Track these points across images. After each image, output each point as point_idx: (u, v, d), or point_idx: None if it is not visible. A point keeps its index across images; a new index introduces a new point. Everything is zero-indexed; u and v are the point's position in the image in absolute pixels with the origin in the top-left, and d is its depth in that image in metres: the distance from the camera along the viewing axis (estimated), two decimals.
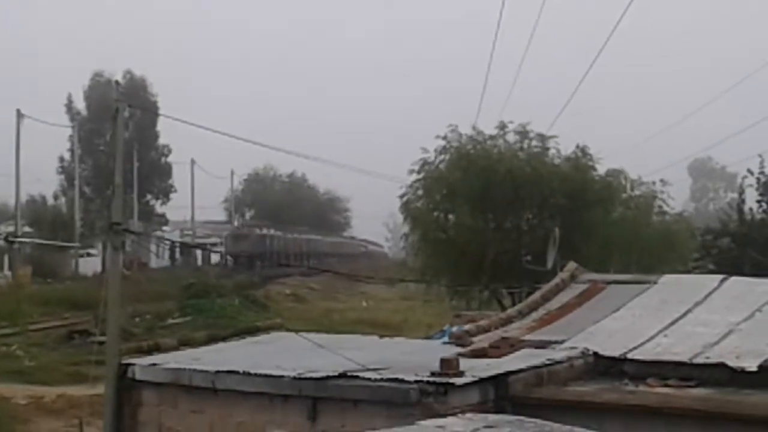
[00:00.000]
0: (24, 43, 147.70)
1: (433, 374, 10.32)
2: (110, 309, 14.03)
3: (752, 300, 13.79)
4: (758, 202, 34.25)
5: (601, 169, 32.06)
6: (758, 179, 33.94)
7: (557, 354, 12.15)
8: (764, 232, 33.45)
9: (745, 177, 34.75)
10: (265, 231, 79.57)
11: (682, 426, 10.09)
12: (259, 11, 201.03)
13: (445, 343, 14.51)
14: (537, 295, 16.12)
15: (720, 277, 15.46)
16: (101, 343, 15.99)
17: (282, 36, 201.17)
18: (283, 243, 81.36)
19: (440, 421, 8.40)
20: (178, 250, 77.50)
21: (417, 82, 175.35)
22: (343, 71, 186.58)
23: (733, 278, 15.30)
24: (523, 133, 32.16)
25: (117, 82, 21.85)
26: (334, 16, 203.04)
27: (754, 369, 11.22)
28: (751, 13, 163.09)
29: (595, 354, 12.34)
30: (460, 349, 12.70)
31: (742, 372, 11.26)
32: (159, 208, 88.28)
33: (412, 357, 12.28)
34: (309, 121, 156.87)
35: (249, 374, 11.58)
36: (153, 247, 64.13)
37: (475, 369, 10.82)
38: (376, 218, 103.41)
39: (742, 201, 35.05)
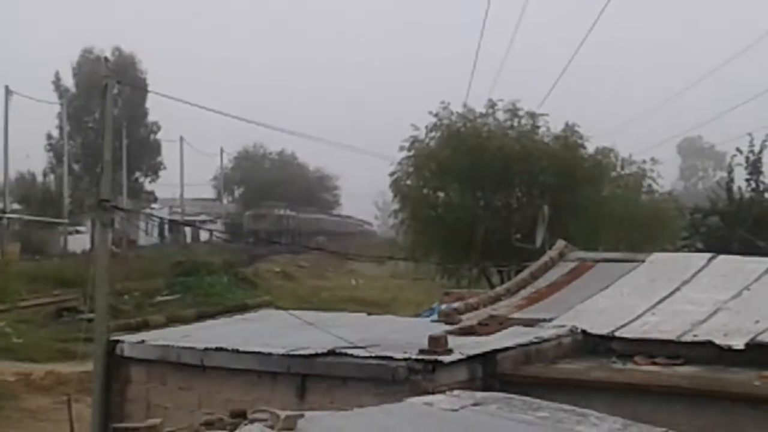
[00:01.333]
0: (12, 20, 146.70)
1: (421, 352, 10.33)
2: (99, 286, 14.01)
3: (740, 278, 13.82)
4: (747, 180, 34.28)
5: (591, 147, 32.12)
6: (747, 158, 33.95)
7: (545, 332, 12.18)
8: (753, 210, 33.49)
9: (734, 156, 34.77)
10: (282, 211, 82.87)
11: (670, 403, 10.12)
12: None
13: (433, 321, 14.51)
14: (526, 273, 16.15)
15: (708, 255, 15.48)
16: (90, 320, 16.01)
17: (271, 9, 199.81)
18: (296, 222, 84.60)
19: (428, 399, 8.43)
20: (167, 227, 77.39)
21: (408, 54, 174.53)
22: (332, 44, 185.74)
23: (722, 257, 15.32)
24: (512, 111, 32.17)
25: (106, 59, 21.74)
26: None
27: (742, 347, 11.26)
28: None
29: (584, 332, 12.37)
30: (448, 327, 12.70)
31: (730, 350, 11.30)
32: (148, 186, 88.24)
33: (401, 335, 12.29)
34: (299, 97, 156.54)
35: (238, 351, 11.58)
36: (142, 225, 64.22)
37: (464, 347, 10.83)
38: (366, 196, 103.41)
39: (731, 180, 35.05)
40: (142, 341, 13.08)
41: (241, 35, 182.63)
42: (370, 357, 10.54)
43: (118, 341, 13.14)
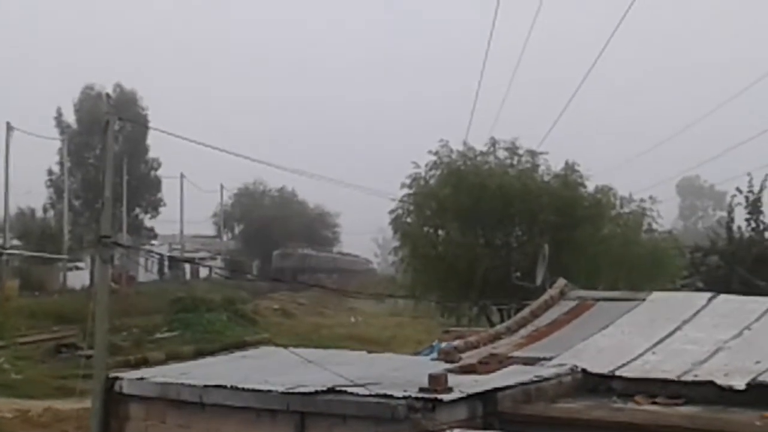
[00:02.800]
0: (14, 55, 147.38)
1: (421, 390, 10.31)
2: (98, 322, 13.98)
3: (741, 318, 13.81)
4: (747, 220, 34.33)
5: (590, 186, 32.16)
6: (747, 198, 34.02)
7: (546, 371, 12.15)
8: (753, 250, 33.52)
9: (734, 195, 34.84)
10: (306, 251, 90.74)
11: None
12: (247, 20, 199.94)
13: (433, 359, 14.48)
14: (526, 311, 16.14)
15: (708, 295, 15.48)
16: (89, 356, 15.97)
17: (271, 47, 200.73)
18: (316, 260, 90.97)
19: None
20: (166, 264, 77.39)
21: (408, 91, 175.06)
22: (333, 82, 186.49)
23: (722, 296, 15.33)
24: (512, 150, 32.24)
25: (107, 95, 21.84)
26: (326, 23, 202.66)
27: (743, 387, 11.23)
28: (742, 29, 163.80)
29: (584, 371, 12.34)
30: (448, 366, 12.68)
31: (731, 390, 11.27)
32: (148, 222, 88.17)
33: (401, 373, 12.26)
34: (300, 135, 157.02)
35: (237, 389, 11.54)
36: (141, 261, 64.16)
37: (464, 385, 10.80)
38: (366, 234, 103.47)
39: (731, 219, 35.11)
40: (141, 378, 13.04)
41: (243, 72, 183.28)
42: (370, 395, 10.50)
43: (116, 378, 13.09)
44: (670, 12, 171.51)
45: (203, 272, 78.18)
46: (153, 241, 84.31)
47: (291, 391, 11.02)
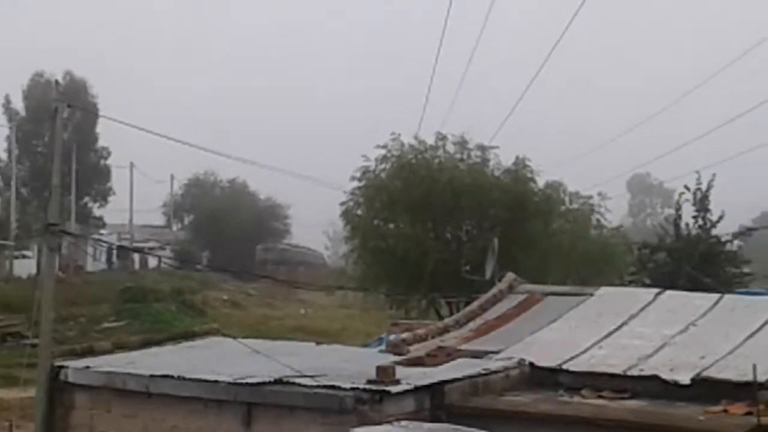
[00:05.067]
0: None
1: (369, 382, 10.31)
2: (44, 311, 13.84)
3: (686, 314, 13.94)
4: (694, 217, 34.63)
5: (541, 181, 32.33)
6: (694, 195, 34.33)
7: (494, 364, 12.21)
8: (699, 247, 33.83)
9: (682, 193, 35.12)
10: (284, 246, 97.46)
11: None
12: (202, 10, 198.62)
13: (381, 351, 14.50)
14: (475, 305, 16.18)
15: (655, 291, 15.62)
16: (34, 345, 15.78)
17: (221, 38, 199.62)
18: (291, 254, 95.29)
19: (375, 429, 8.41)
20: (115, 253, 76.70)
21: (360, 83, 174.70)
22: (285, 72, 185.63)
23: (669, 292, 15.47)
24: (462, 144, 32.32)
25: (57, 82, 21.58)
26: (282, 14, 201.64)
27: (687, 382, 11.35)
28: (692, 28, 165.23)
29: (531, 364, 12.41)
30: (396, 358, 12.70)
31: (676, 385, 11.38)
32: (97, 211, 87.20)
33: (349, 365, 12.26)
34: (252, 126, 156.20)
35: (184, 379, 11.48)
36: (90, 250, 63.58)
37: (411, 377, 10.82)
38: (317, 226, 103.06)
39: (679, 216, 35.41)
40: (87, 367, 12.91)
41: (195, 63, 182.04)
42: (318, 386, 10.49)
43: (62, 367, 12.96)
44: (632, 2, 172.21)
45: (152, 262, 77.58)
46: (102, 231, 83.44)
47: (238, 381, 10.98)
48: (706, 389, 11.23)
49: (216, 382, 11.19)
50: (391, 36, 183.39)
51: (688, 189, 34.57)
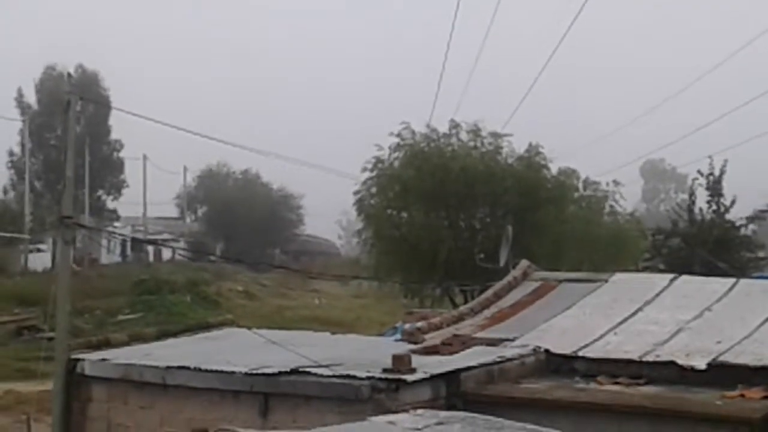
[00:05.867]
0: None
1: (384, 371, 10.32)
2: (60, 304, 13.90)
3: (701, 299, 13.92)
4: (708, 202, 34.59)
5: (554, 168, 32.24)
6: (708, 180, 34.26)
7: (509, 351, 12.20)
8: (713, 232, 33.78)
9: (695, 178, 35.08)
10: (307, 237, 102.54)
11: (632, 423, 10.16)
12: (212, 3, 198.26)
13: (397, 340, 14.51)
14: (489, 292, 16.18)
15: (670, 276, 15.60)
16: (50, 338, 15.86)
17: (235, 28, 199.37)
18: (314, 243, 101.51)
19: (391, 418, 8.40)
20: (129, 245, 76.86)
21: (373, 73, 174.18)
22: (298, 63, 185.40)
23: (683, 277, 15.45)
24: (475, 132, 32.25)
25: (69, 75, 21.59)
26: (291, 4, 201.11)
27: (703, 367, 11.33)
28: (708, 11, 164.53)
29: (547, 351, 12.41)
30: (412, 347, 12.71)
31: (692, 370, 11.37)
32: (110, 204, 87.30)
33: (364, 354, 12.27)
34: (264, 117, 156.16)
35: (200, 370, 11.51)
36: (104, 243, 63.72)
37: (427, 366, 10.82)
38: (330, 215, 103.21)
39: (693, 202, 35.36)
40: (103, 360, 12.97)
41: (208, 54, 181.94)
42: (334, 376, 10.51)
43: (78, 360, 13.02)
44: None
45: (166, 254, 77.80)
46: (116, 223, 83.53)
47: (254, 372, 11.00)
48: (722, 374, 11.21)
49: (232, 372, 11.22)
50: (404, 26, 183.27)
51: (701, 174, 34.52)
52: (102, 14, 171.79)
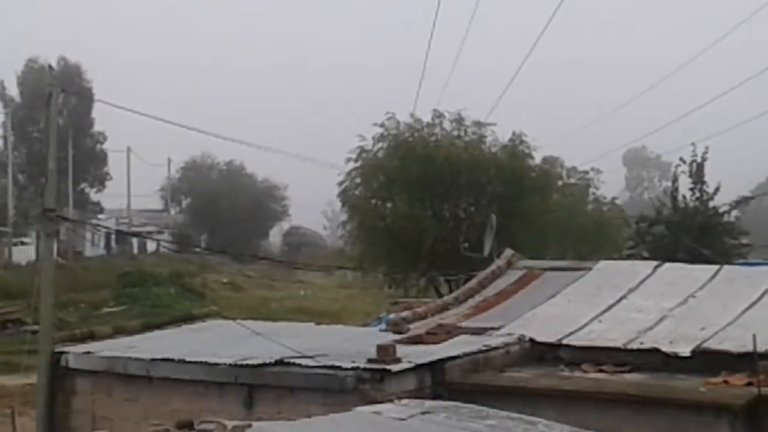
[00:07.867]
0: None
1: (369, 361, 10.32)
2: (43, 297, 13.87)
3: (685, 286, 13.95)
4: (691, 189, 34.57)
5: (538, 157, 32.30)
6: (690, 167, 34.28)
7: (493, 340, 12.22)
8: (697, 219, 33.79)
9: (678, 165, 35.08)
10: (307, 230, 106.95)
11: (617, 410, 10.19)
12: None
13: (382, 330, 14.49)
14: (474, 281, 16.19)
15: (654, 263, 15.62)
16: (34, 332, 15.82)
17: (215, 18, 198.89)
18: (311, 236, 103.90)
19: (377, 408, 8.41)
20: (113, 238, 76.70)
21: (355, 62, 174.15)
22: (279, 53, 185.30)
23: (667, 265, 15.48)
24: (458, 121, 32.27)
25: (51, 67, 21.46)
26: None
27: (687, 354, 11.37)
28: (689, 4, 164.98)
29: (531, 340, 12.43)
30: (396, 336, 12.71)
31: (676, 357, 11.40)
32: (94, 196, 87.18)
33: (349, 344, 12.27)
34: (248, 108, 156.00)
35: (184, 362, 11.50)
36: (88, 235, 63.55)
37: (412, 355, 10.83)
38: (315, 206, 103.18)
39: (676, 189, 35.35)
40: (88, 352, 12.94)
41: (189, 45, 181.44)
42: (319, 366, 10.51)
43: (62, 353, 12.99)
44: None
45: (151, 246, 77.63)
46: (99, 215, 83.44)
47: (239, 363, 11.00)
48: (706, 361, 11.25)
49: (217, 364, 11.21)
50: (388, 16, 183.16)
51: (683, 161, 34.54)
52: (84, 6, 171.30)
